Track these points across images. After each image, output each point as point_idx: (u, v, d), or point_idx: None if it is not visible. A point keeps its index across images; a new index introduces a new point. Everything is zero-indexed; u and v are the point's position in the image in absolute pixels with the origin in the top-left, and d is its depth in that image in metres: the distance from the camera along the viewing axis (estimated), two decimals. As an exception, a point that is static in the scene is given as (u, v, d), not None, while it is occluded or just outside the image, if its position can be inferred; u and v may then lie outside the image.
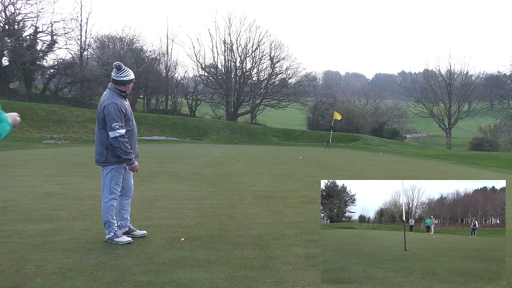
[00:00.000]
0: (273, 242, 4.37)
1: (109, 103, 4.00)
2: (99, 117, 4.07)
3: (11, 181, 7.94)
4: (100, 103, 4.11)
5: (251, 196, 7.13)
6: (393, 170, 13.17)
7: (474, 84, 48.38)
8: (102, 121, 4.04)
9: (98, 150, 4.14)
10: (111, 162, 4.12)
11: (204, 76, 47.61)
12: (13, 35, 31.01)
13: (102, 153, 4.11)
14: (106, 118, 3.99)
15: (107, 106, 3.99)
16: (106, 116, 3.99)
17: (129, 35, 43.26)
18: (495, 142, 39.46)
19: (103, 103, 4.05)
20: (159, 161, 13.03)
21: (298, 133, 39.11)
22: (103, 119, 4.03)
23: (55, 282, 3.13)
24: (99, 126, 4.10)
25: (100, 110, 4.05)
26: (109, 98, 4.05)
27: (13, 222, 4.89)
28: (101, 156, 4.12)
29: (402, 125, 51.53)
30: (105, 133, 4.06)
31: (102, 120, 4.04)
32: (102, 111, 4.03)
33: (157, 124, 32.17)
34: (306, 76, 54.91)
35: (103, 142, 4.08)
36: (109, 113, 3.97)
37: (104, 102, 4.04)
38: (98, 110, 4.10)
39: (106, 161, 4.12)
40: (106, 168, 4.15)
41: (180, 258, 3.75)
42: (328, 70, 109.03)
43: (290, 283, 3.24)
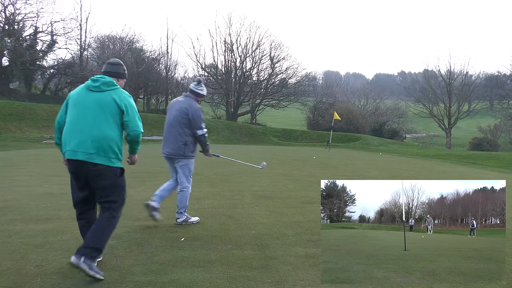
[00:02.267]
0: (273, 242, 4.37)
1: (197, 108, 4.88)
2: (182, 119, 4.82)
3: (11, 181, 7.94)
4: (180, 107, 4.86)
5: (251, 196, 7.13)
6: (393, 170, 13.17)
7: (474, 84, 48.36)
8: (188, 121, 4.81)
9: (175, 145, 4.84)
10: (188, 156, 4.89)
11: (204, 76, 47.61)
12: (13, 35, 31.02)
13: (180, 147, 4.83)
14: (195, 119, 4.82)
15: (197, 111, 4.86)
16: (196, 118, 4.83)
17: (129, 35, 43.28)
18: (495, 142, 39.46)
19: (188, 107, 4.83)
20: (159, 161, 13.01)
21: (298, 133, 39.11)
22: (188, 120, 4.81)
23: (55, 282, 3.12)
24: (181, 126, 4.82)
25: (184, 113, 4.81)
26: (194, 104, 4.90)
27: (13, 222, 4.89)
28: (179, 150, 4.84)
29: (402, 125, 51.51)
30: (187, 132, 4.83)
31: (188, 121, 4.81)
32: (187, 114, 4.81)
33: (157, 124, 32.15)
34: (306, 76, 54.93)
35: (183, 139, 4.82)
36: (199, 116, 4.86)
37: (189, 107, 4.84)
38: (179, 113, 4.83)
39: (184, 155, 4.86)
40: (183, 160, 4.90)
41: (180, 258, 3.75)
42: (328, 70, 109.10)
43: (290, 283, 3.24)
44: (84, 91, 3.37)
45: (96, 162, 3.23)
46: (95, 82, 3.35)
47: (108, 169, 3.29)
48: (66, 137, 3.32)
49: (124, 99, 3.37)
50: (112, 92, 3.34)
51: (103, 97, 3.30)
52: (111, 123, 3.29)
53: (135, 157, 3.68)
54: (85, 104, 3.29)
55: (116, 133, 3.32)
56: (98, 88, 3.33)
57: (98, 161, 3.23)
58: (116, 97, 3.33)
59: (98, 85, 3.33)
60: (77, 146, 3.23)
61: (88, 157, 3.22)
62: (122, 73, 3.56)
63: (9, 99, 29.99)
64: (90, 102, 3.29)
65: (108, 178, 3.30)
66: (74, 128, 3.27)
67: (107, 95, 3.32)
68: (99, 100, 3.29)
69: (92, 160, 3.22)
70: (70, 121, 3.31)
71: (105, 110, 3.27)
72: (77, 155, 3.23)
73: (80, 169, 3.27)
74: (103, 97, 3.30)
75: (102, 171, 3.26)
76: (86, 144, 3.22)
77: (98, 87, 3.33)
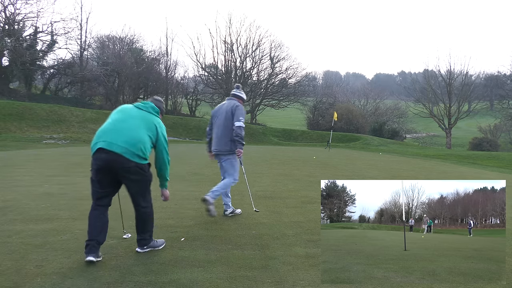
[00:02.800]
0: (273, 242, 4.37)
1: (239, 105, 5.41)
2: (229, 116, 5.33)
3: (11, 181, 7.94)
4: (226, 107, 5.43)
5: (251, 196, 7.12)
6: (393, 170, 13.17)
7: (474, 84, 48.35)
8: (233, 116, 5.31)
9: (223, 142, 5.37)
10: (233, 152, 5.37)
11: (204, 76, 47.60)
12: (13, 35, 31.02)
13: (227, 143, 5.35)
14: (238, 113, 5.29)
15: (239, 106, 5.38)
16: (238, 112, 5.30)
17: (129, 35, 43.22)
18: (495, 142, 39.45)
19: (232, 106, 5.37)
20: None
21: (298, 133, 39.11)
22: (232, 116, 5.31)
23: (55, 282, 3.13)
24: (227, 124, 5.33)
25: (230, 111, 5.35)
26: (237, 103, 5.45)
27: (13, 222, 4.89)
28: (226, 146, 5.35)
29: (402, 125, 51.49)
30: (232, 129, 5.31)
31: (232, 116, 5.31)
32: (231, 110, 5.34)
33: (157, 124, 32.14)
34: (306, 76, 54.93)
35: (231, 135, 5.32)
36: (241, 111, 5.34)
37: (233, 105, 5.39)
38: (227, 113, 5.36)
39: (231, 150, 5.36)
40: (231, 156, 5.42)
41: (180, 258, 3.75)
42: (328, 70, 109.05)
43: (290, 283, 3.24)
44: (132, 106, 3.84)
45: (129, 158, 3.52)
46: (145, 104, 3.84)
47: (137, 166, 3.59)
48: (102, 133, 3.60)
49: (162, 128, 3.84)
50: (155, 118, 3.81)
51: (147, 116, 3.75)
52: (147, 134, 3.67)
53: (167, 192, 4.12)
54: (130, 113, 3.72)
55: (148, 141, 3.69)
56: (146, 108, 3.80)
57: (130, 158, 3.52)
58: (156, 123, 3.77)
59: (147, 107, 3.81)
60: (115, 139, 3.52)
61: (124, 151, 3.50)
62: (163, 110, 4.05)
63: (9, 99, 29.97)
64: (135, 113, 3.72)
65: (137, 173, 3.61)
66: (115, 127, 3.61)
67: (151, 117, 3.78)
68: (143, 116, 3.73)
69: (126, 155, 3.51)
70: (111, 122, 3.66)
71: (145, 124, 3.68)
72: (112, 147, 3.50)
73: (111, 162, 3.50)
74: (147, 116, 3.75)
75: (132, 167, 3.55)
76: (123, 141, 3.52)
77: (147, 108, 3.80)
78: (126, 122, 3.64)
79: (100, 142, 3.53)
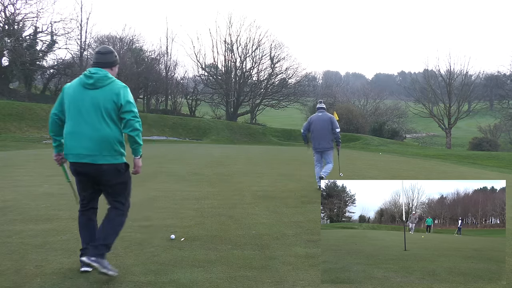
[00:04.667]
0: (273, 242, 4.37)
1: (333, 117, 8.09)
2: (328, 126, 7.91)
3: (11, 181, 7.94)
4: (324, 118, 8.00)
5: (251, 196, 7.13)
6: (393, 170, 13.17)
7: (474, 84, 48.31)
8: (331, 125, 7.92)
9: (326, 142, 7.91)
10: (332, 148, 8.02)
11: (204, 76, 47.56)
12: (13, 35, 31.02)
13: (329, 142, 7.94)
14: (335, 123, 7.98)
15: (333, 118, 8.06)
16: (335, 122, 8.00)
17: (129, 35, 43.21)
18: (495, 142, 39.42)
19: (330, 118, 8.01)
20: (159, 161, 13.02)
21: (298, 133, 39.00)
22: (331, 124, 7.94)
23: (55, 282, 3.13)
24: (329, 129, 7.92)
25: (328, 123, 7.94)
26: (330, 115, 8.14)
27: (13, 222, 4.89)
28: (329, 144, 7.93)
29: (402, 125, 51.46)
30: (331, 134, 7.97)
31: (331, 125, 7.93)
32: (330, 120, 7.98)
33: (157, 124, 32.16)
34: (306, 76, 54.87)
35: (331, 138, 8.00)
36: (335, 121, 8.03)
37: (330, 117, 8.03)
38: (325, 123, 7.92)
39: (331, 147, 7.98)
40: (331, 150, 7.99)
41: (180, 258, 3.75)
42: (328, 70, 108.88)
43: (290, 283, 3.24)
44: (79, 88, 3.29)
45: (100, 163, 3.23)
46: (88, 79, 3.26)
47: (113, 167, 3.30)
48: (67, 140, 3.31)
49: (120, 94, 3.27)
50: (107, 88, 3.26)
51: (98, 95, 3.23)
52: (109, 122, 3.25)
53: (139, 161, 3.47)
54: (82, 105, 3.24)
55: (116, 131, 3.29)
56: (93, 85, 3.25)
57: (102, 161, 3.23)
58: (111, 92, 3.25)
59: (93, 83, 3.25)
60: (80, 149, 3.23)
61: (92, 159, 3.22)
62: (114, 60, 3.45)
63: (9, 99, 29.96)
64: (87, 102, 3.23)
65: (114, 175, 3.32)
66: (75, 131, 3.25)
67: (102, 93, 3.24)
68: (94, 99, 3.23)
69: (96, 161, 3.22)
70: (70, 124, 3.29)
71: (101, 110, 3.22)
72: (80, 158, 3.24)
73: (85, 171, 3.28)
74: (98, 95, 3.23)
75: (108, 170, 3.27)
76: (88, 147, 3.21)
77: (93, 85, 3.25)
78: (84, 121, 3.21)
79: (70, 155, 3.28)
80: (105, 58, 3.39)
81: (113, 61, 3.45)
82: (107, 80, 3.28)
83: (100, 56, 3.39)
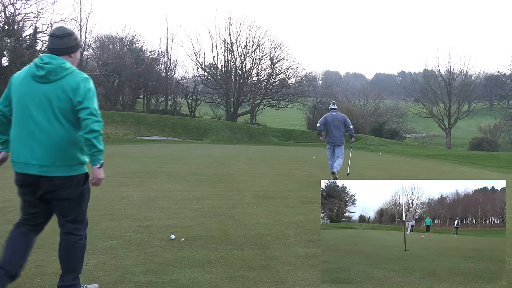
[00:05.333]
0: (273, 242, 4.37)
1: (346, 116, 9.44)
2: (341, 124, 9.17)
3: (11, 181, 7.93)
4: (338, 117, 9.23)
5: (251, 196, 7.13)
6: (393, 170, 13.17)
7: (474, 84, 48.33)
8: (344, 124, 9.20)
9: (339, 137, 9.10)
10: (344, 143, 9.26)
11: (204, 76, 47.55)
12: (13, 35, 31.01)
13: (342, 138, 9.13)
14: (348, 121, 9.33)
15: (346, 117, 9.42)
16: (348, 120, 9.35)
17: (129, 35, 43.23)
18: (495, 142, 39.43)
19: (343, 117, 9.32)
20: (159, 161, 13.02)
21: (298, 133, 39.11)
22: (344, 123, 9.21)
23: (55, 282, 3.12)
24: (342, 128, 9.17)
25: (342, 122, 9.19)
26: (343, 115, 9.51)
27: (13, 222, 4.84)
28: (341, 140, 9.14)
29: (402, 125, 51.49)
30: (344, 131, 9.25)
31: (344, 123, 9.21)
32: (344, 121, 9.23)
33: (157, 124, 32.16)
34: (306, 76, 54.87)
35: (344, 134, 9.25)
36: (349, 120, 9.38)
37: (343, 116, 9.35)
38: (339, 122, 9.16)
39: (343, 142, 9.22)
40: (342, 145, 9.22)
41: (180, 258, 3.75)
42: (328, 70, 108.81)
43: (290, 283, 3.24)
44: (28, 80, 2.62)
45: (54, 175, 2.61)
46: (39, 70, 2.58)
47: (70, 180, 2.66)
48: (13, 145, 2.70)
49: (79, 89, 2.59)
50: (62, 82, 2.58)
51: (51, 90, 2.57)
52: (64, 123, 2.60)
53: (99, 171, 2.68)
54: (31, 102, 2.59)
55: (74, 134, 2.63)
56: (44, 78, 2.57)
57: (55, 174, 2.61)
58: (67, 87, 2.58)
59: (44, 75, 2.57)
60: (28, 158, 2.61)
61: (43, 170, 2.59)
62: (73, 45, 2.72)
63: (9, 99, 29.94)
64: (37, 99, 2.58)
65: (70, 189, 2.69)
66: (21, 134, 2.62)
67: (56, 88, 2.58)
68: (47, 95, 2.57)
69: (49, 174, 2.60)
70: (16, 125, 2.65)
71: (54, 109, 2.57)
72: (28, 169, 2.63)
73: (34, 183, 2.67)
74: (51, 90, 2.57)
75: (62, 185, 2.65)
76: (38, 155, 2.58)
77: (44, 78, 2.57)
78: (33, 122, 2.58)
79: (16, 164, 2.71)
80: (62, 42, 2.66)
81: (73, 45, 2.72)
82: (62, 72, 2.60)
83: (55, 40, 2.66)
